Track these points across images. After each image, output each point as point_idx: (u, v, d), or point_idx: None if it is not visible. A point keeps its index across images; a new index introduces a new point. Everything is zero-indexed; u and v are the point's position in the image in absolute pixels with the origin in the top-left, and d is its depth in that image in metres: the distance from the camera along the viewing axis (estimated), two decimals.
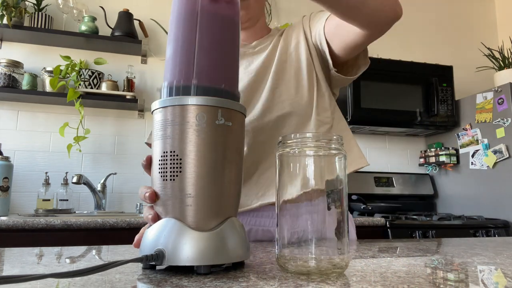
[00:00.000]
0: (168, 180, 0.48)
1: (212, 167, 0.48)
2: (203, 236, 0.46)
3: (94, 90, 2.28)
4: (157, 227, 0.48)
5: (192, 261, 0.45)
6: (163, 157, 0.48)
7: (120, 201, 2.37)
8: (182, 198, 0.47)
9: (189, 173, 0.47)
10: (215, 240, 0.47)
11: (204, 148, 0.47)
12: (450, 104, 2.61)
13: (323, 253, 0.47)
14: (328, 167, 0.49)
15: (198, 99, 0.48)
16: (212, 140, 0.48)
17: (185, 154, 0.47)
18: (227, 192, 0.49)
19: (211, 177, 0.47)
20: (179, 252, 0.45)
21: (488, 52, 2.94)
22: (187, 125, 0.47)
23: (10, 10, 2.16)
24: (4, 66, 2.15)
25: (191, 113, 0.48)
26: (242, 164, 0.53)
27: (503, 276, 0.49)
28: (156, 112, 0.50)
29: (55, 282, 0.42)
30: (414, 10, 3.14)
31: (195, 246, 0.45)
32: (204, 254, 0.45)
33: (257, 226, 0.89)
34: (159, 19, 2.54)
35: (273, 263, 0.54)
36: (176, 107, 0.48)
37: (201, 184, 0.47)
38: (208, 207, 0.47)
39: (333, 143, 0.49)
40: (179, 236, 0.46)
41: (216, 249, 0.46)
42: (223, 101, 0.49)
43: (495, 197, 2.35)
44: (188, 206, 0.47)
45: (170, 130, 0.48)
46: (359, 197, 2.39)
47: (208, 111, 0.48)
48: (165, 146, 0.48)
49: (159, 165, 0.49)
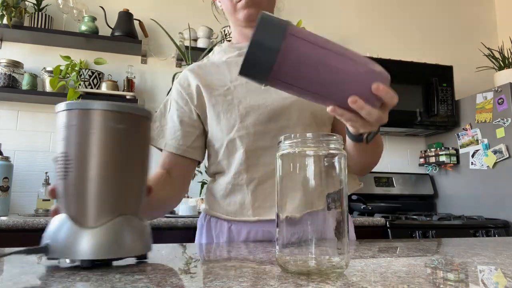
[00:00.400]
0: (62, 179, 0.51)
1: (103, 168, 0.51)
2: (88, 232, 0.49)
3: (94, 90, 2.28)
4: (52, 221, 0.52)
5: (74, 255, 0.48)
6: (59, 158, 0.52)
7: None
8: (73, 196, 0.51)
9: (79, 174, 0.51)
10: (99, 236, 0.49)
11: (93, 149, 0.51)
12: (450, 104, 2.61)
13: (323, 253, 0.47)
14: (328, 168, 0.49)
15: (88, 104, 0.52)
16: (102, 142, 0.51)
17: (76, 155, 0.51)
18: (118, 191, 0.52)
19: (100, 177, 0.51)
20: (63, 246, 0.49)
21: (488, 52, 2.94)
22: (73, 129, 0.51)
23: (10, 10, 2.16)
24: (4, 66, 2.15)
25: (77, 116, 0.51)
26: (141, 165, 0.55)
27: (503, 276, 0.49)
28: (57, 115, 0.54)
29: (55, 282, 0.42)
30: (414, 10, 3.14)
31: (79, 241, 0.49)
32: (86, 249, 0.48)
33: (257, 227, 0.89)
34: (159, 19, 2.54)
35: (273, 263, 0.54)
36: (72, 111, 0.52)
37: (90, 184, 0.50)
38: (97, 205, 0.51)
39: (333, 143, 0.49)
40: (65, 231, 0.50)
41: (99, 244, 0.49)
42: (114, 105, 0.52)
43: (495, 197, 2.35)
44: (78, 204, 0.51)
45: (66, 133, 0.52)
46: (359, 197, 2.39)
47: (98, 115, 0.51)
48: (61, 148, 0.52)
49: (57, 165, 0.53)
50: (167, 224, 1.74)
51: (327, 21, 2.85)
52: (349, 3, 3.00)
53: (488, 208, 2.38)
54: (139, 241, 0.53)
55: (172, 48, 2.54)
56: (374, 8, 3.05)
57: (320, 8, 2.91)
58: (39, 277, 0.45)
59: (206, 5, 2.61)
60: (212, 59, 0.98)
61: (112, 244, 0.50)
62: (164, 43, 2.58)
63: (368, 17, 3.02)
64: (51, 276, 0.45)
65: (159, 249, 0.70)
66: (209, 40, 2.54)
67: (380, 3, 3.08)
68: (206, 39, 2.53)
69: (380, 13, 3.05)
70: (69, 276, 0.45)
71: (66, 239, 0.49)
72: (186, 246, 0.76)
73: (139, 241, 0.53)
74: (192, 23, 2.56)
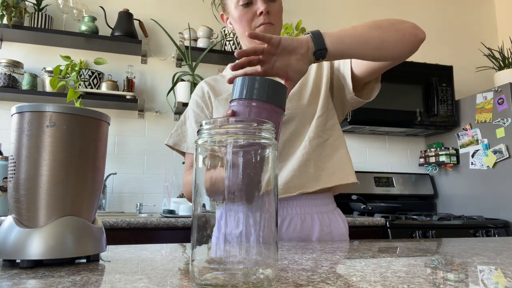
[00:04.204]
0: (9, 182, 0.53)
1: (44, 169, 0.51)
2: (29, 233, 0.50)
3: (94, 90, 2.28)
4: (3, 222, 0.53)
5: (15, 255, 0.49)
6: (10, 161, 0.53)
7: (120, 201, 2.37)
8: (17, 198, 0.52)
9: (21, 175, 0.51)
10: (42, 237, 0.50)
11: (34, 151, 0.52)
12: (450, 104, 2.61)
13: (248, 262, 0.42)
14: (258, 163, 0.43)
15: (29, 106, 0.53)
16: (42, 143, 0.52)
17: (18, 157, 0.52)
18: (61, 192, 0.52)
19: (41, 178, 0.51)
20: (4, 247, 0.50)
21: (488, 52, 2.94)
22: (21, 131, 0.53)
23: (10, 10, 2.16)
24: (4, 66, 2.15)
25: (25, 119, 0.52)
26: (91, 166, 0.56)
27: (503, 276, 0.49)
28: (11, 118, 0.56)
29: (55, 283, 0.42)
30: (414, 10, 3.14)
31: (20, 242, 0.49)
32: (25, 249, 0.49)
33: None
34: (159, 19, 2.54)
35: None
36: (16, 115, 0.53)
37: (30, 185, 0.51)
38: (38, 206, 0.51)
39: (265, 131, 0.43)
40: (8, 232, 0.51)
41: (40, 245, 0.49)
42: (55, 106, 0.53)
43: (495, 197, 2.35)
44: (21, 205, 0.51)
45: (13, 136, 0.54)
46: (359, 197, 2.39)
47: (38, 117, 0.52)
48: (10, 151, 0.53)
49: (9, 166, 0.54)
50: (167, 224, 1.74)
51: (327, 21, 2.85)
52: (349, 3, 3.00)
53: (488, 208, 2.38)
54: (83, 242, 0.53)
55: (172, 48, 2.54)
56: (374, 8, 3.05)
57: (320, 8, 2.91)
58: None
59: (206, 5, 2.61)
60: (223, 74, 1.12)
61: (54, 245, 0.50)
62: (164, 43, 2.58)
63: (368, 17, 3.02)
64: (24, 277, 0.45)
65: (159, 249, 0.71)
66: (209, 40, 2.54)
67: (380, 3, 3.08)
68: (206, 39, 2.53)
69: (380, 13, 3.05)
70: (69, 276, 0.45)
71: (9, 240, 0.50)
72: (186, 246, 0.76)
73: (83, 242, 0.53)
74: (192, 23, 2.56)
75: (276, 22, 0.97)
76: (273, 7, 0.96)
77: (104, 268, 0.51)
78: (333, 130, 1.00)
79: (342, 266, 0.55)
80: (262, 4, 0.93)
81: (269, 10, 0.94)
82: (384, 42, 0.79)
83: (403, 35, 0.81)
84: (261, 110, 0.61)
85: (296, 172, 0.93)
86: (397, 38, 0.80)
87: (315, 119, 0.97)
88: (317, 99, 0.99)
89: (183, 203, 2.00)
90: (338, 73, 1.00)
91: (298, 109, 0.97)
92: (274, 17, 0.96)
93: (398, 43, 0.81)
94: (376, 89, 0.99)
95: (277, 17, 0.97)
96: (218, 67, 2.59)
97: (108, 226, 1.67)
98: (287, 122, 0.96)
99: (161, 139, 2.42)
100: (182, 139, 1.05)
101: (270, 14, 0.95)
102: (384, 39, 0.79)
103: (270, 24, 0.95)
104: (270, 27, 0.95)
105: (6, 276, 0.45)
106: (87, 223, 0.54)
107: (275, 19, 0.96)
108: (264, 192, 0.43)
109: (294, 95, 0.98)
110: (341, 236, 0.98)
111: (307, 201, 0.95)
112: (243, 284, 0.39)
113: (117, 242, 1.75)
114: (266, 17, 0.94)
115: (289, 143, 0.96)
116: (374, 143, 2.86)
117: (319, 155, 0.96)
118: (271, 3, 0.96)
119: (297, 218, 0.93)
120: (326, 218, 0.96)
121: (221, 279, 0.40)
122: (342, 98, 1.02)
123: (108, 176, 2.32)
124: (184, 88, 2.34)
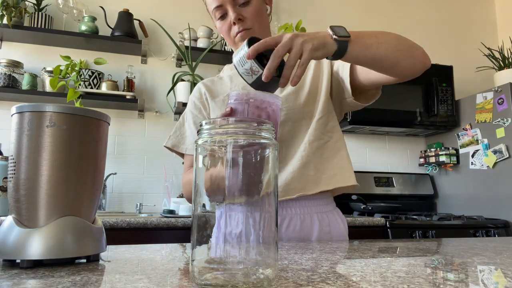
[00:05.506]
0: (9, 182, 0.53)
1: (44, 169, 0.51)
2: (29, 233, 0.50)
3: (94, 90, 2.28)
4: (3, 223, 0.53)
5: (15, 255, 0.49)
6: (10, 161, 0.53)
7: (120, 201, 2.37)
8: (17, 198, 0.52)
9: (21, 175, 0.51)
10: (42, 237, 0.50)
11: (34, 151, 0.52)
12: (450, 104, 2.61)
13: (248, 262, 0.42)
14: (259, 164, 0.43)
15: (29, 106, 0.52)
16: (42, 143, 0.52)
17: (18, 157, 0.52)
18: (61, 192, 0.52)
19: (41, 178, 0.51)
20: (4, 247, 0.50)
21: (488, 52, 2.94)
22: (21, 131, 0.53)
23: (10, 10, 2.16)
24: (4, 66, 2.15)
25: (25, 119, 0.52)
26: (91, 166, 0.55)
27: (503, 276, 0.49)
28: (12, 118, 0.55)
29: (55, 283, 0.42)
30: (414, 10, 3.14)
31: (20, 242, 0.49)
32: (25, 249, 0.49)
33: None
34: (159, 19, 2.54)
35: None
36: (16, 115, 0.53)
37: (30, 185, 0.51)
38: (38, 206, 0.51)
39: (265, 131, 0.43)
40: (8, 232, 0.51)
41: (40, 244, 0.49)
42: (55, 106, 0.53)
43: (495, 197, 2.35)
44: (21, 205, 0.51)
45: (13, 136, 0.54)
46: (359, 197, 2.39)
47: (38, 117, 0.52)
48: (10, 151, 0.53)
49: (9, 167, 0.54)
50: (167, 224, 1.74)
51: (327, 21, 2.85)
52: (349, 3, 3.00)
53: (488, 208, 2.38)
54: (83, 242, 0.53)
55: (172, 48, 2.54)
56: (374, 7, 3.05)
57: (320, 8, 2.91)
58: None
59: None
60: (220, 75, 1.12)
61: (54, 245, 0.50)
62: (164, 43, 2.58)
63: (368, 17, 3.02)
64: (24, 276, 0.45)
65: (159, 249, 0.71)
66: (209, 40, 2.54)
67: (380, 3, 3.08)
68: (206, 39, 2.53)
69: (380, 13, 3.05)
70: (69, 276, 0.45)
71: (9, 240, 0.50)
72: (186, 246, 0.76)
73: (83, 242, 0.53)
74: (192, 23, 2.55)
75: (253, 25, 0.94)
76: (247, 11, 0.94)
77: (104, 268, 0.51)
78: (333, 132, 1.00)
79: (342, 266, 0.55)
80: (233, 13, 0.92)
81: (242, 16, 0.93)
82: (397, 65, 0.83)
83: (415, 62, 0.85)
84: (260, 109, 0.63)
85: (296, 175, 0.93)
86: (409, 63, 0.84)
87: (316, 121, 0.97)
88: (315, 100, 0.99)
89: (183, 203, 2.00)
90: (337, 75, 1.00)
91: (294, 109, 0.97)
92: (250, 21, 0.94)
93: (409, 68, 0.85)
94: (376, 95, 1.00)
95: (254, 19, 0.94)
96: (218, 67, 2.59)
97: (108, 226, 1.67)
98: (283, 122, 0.96)
99: (161, 139, 2.42)
100: (181, 140, 1.05)
101: (244, 20, 0.93)
102: (398, 63, 0.82)
103: (246, 30, 0.93)
104: (247, 32, 0.93)
105: (6, 276, 0.45)
106: (87, 223, 0.54)
107: (251, 23, 0.94)
108: (264, 192, 0.43)
109: (290, 96, 0.98)
110: (340, 236, 0.98)
111: (306, 202, 0.95)
112: (243, 284, 0.39)
113: (117, 242, 1.75)
114: (240, 25, 0.93)
115: (287, 144, 0.96)
116: (374, 143, 2.86)
117: (319, 158, 0.96)
118: (244, 8, 0.93)
119: (297, 218, 0.93)
120: (326, 218, 0.96)
121: (221, 279, 0.40)
122: (340, 100, 1.02)
123: (108, 176, 2.32)
124: (184, 88, 2.34)
